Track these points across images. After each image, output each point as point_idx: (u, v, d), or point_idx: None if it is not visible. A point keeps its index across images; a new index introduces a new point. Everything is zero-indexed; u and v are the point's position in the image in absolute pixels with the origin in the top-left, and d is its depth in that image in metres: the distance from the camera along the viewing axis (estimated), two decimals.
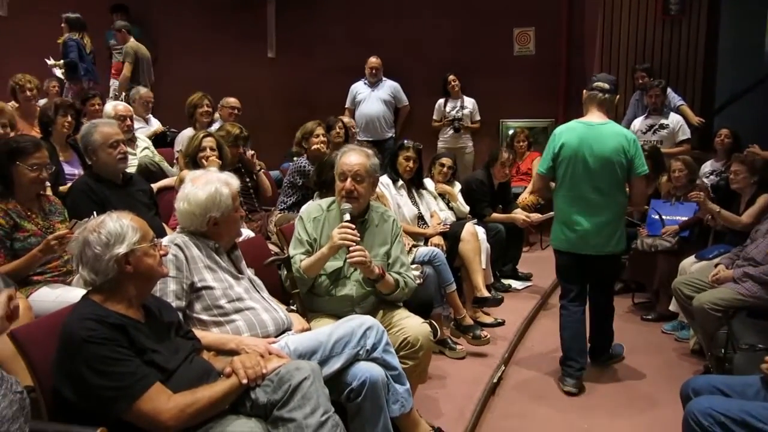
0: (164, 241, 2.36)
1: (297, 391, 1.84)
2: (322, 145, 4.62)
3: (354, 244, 2.67)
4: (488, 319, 4.42)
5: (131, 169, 4.64)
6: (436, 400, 3.32)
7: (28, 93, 5.34)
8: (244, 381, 1.85)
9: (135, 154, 4.85)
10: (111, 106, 4.98)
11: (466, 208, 5.05)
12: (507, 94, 7.27)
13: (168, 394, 1.78)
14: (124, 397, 1.73)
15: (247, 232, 3.89)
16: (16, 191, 2.93)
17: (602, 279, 3.84)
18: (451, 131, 7.10)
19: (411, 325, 2.75)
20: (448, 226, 4.43)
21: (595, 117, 3.58)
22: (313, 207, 3.02)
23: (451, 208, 4.99)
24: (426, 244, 4.28)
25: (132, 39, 7.22)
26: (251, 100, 7.57)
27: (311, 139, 4.68)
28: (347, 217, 2.78)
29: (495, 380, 3.69)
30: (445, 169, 5.02)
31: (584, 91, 3.69)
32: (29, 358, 1.85)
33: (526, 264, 5.82)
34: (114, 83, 8.04)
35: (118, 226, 1.90)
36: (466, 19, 7.36)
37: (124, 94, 6.89)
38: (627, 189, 3.62)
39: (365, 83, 7.39)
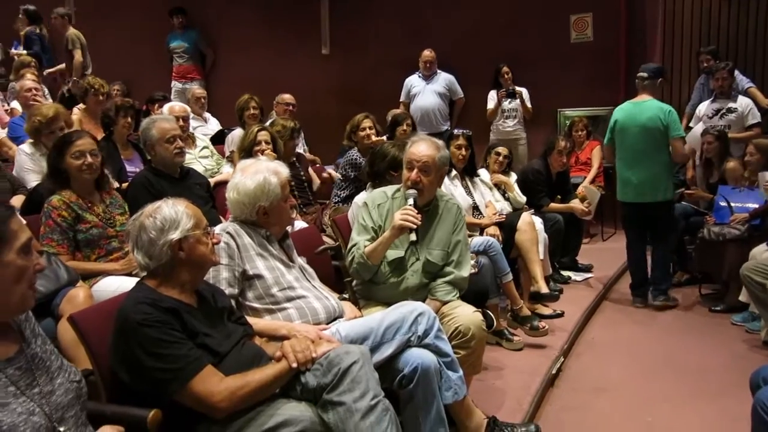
0: (216, 229, 2.38)
1: (346, 375, 1.82)
2: (370, 137, 4.61)
3: (414, 226, 2.65)
4: (547, 311, 4.31)
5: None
6: (493, 391, 3.27)
7: (100, 97, 5.54)
8: (294, 365, 1.85)
9: (193, 154, 4.96)
10: (168, 107, 5.13)
11: (523, 199, 4.96)
12: (564, 83, 7.09)
13: (219, 376, 1.80)
14: (177, 378, 1.75)
15: (300, 224, 3.92)
16: (73, 184, 3.03)
17: (658, 224, 4.78)
18: (507, 120, 6.96)
19: (463, 314, 2.70)
20: (504, 217, 4.35)
21: (639, 98, 4.73)
22: (378, 194, 3.02)
23: (507, 199, 4.91)
24: (482, 234, 4.21)
25: (71, 27, 7.34)
26: (306, 97, 7.63)
27: (359, 132, 4.68)
28: (411, 201, 2.77)
29: (554, 372, 3.60)
30: (500, 159, 4.95)
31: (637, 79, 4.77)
32: (88, 342, 1.90)
33: (586, 255, 5.69)
34: (176, 85, 8.31)
35: (173, 212, 1.94)
36: (522, 8, 7.22)
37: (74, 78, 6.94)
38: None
39: (420, 76, 7.35)
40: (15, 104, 5.82)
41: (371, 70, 7.93)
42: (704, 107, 5.83)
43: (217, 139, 5.97)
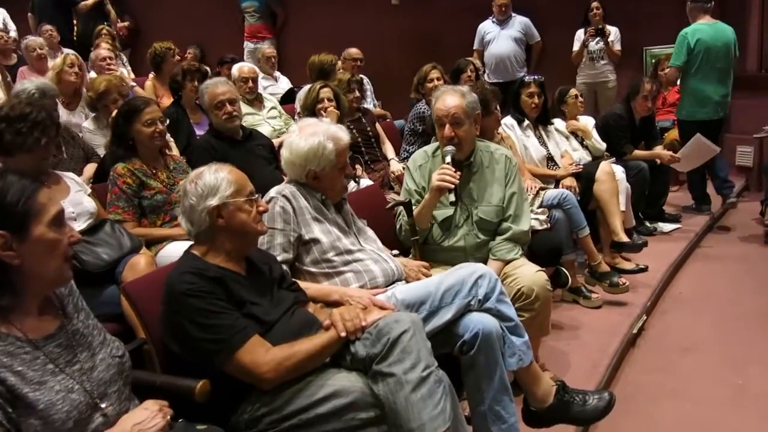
0: (272, 192, 2.34)
1: (396, 345, 1.73)
2: (438, 88, 4.40)
3: (452, 185, 2.52)
4: (629, 265, 4.06)
5: (261, 129, 4.76)
6: (567, 353, 3.12)
7: (175, 58, 5.61)
8: (342, 334, 1.77)
9: (261, 115, 4.94)
10: (236, 68, 5.10)
11: (603, 146, 4.66)
12: (650, 18, 6.55)
13: (267, 346, 1.75)
14: (224, 349, 1.71)
15: (367, 182, 3.84)
16: (140, 151, 3.05)
17: (718, 138, 5.06)
18: (594, 62, 6.51)
19: (525, 274, 2.55)
20: (581, 167, 4.09)
21: (707, 19, 4.96)
22: (419, 154, 2.89)
23: (585, 147, 4.63)
24: (557, 186, 3.99)
25: None
26: (376, 50, 7.47)
27: (426, 83, 4.50)
28: (448, 159, 2.63)
29: (635, 331, 3.41)
30: (579, 101, 4.63)
31: (690, 2, 5.06)
32: (139, 311, 1.90)
33: (675, 205, 5.34)
34: (248, 45, 8.33)
35: (213, 179, 1.88)
36: None
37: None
38: None
39: (493, 21, 6.99)
40: (93, 74, 5.98)
41: (442, 19, 7.63)
42: None
43: (288, 98, 5.93)
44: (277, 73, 6.60)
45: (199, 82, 4.54)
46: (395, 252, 2.61)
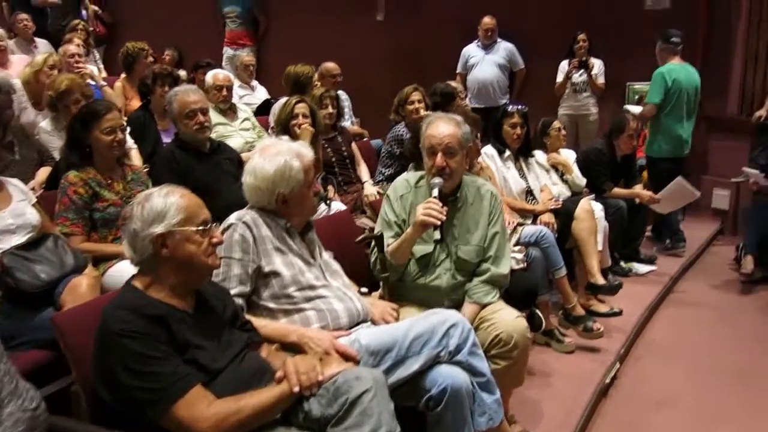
0: (231, 217, 2.15)
1: (355, 406, 1.55)
2: (419, 111, 4.29)
3: (438, 222, 2.35)
4: (603, 308, 3.93)
5: (232, 141, 4.56)
6: (538, 401, 2.95)
7: (149, 59, 5.39)
8: (296, 389, 1.59)
9: (233, 126, 4.74)
10: (211, 75, 4.90)
11: (583, 181, 4.55)
12: (635, 54, 6.46)
13: (209, 399, 1.55)
14: (160, 400, 1.52)
15: (338, 205, 3.66)
16: (96, 159, 2.84)
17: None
18: (577, 94, 6.43)
19: (504, 319, 2.39)
20: (560, 203, 3.96)
21: (678, 61, 5.15)
22: (401, 183, 2.70)
23: (565, 181, 4.51)
24: (535, 222, 3.86)
25: None
26: (359, 67, 7.33)
27: (407, 105, 4.36)
28: (435, 192, 2.45)
29: (607, 380, 3.26)
30: (561, 134, 4.52)
31: (659, 44, 5.20)
32: (68, 346, 1.70)
33: (651, 245, 5.25)
34: (227, 51, 8.12)
35: (162, 203, 1.69)
36: None
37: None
38: None
39: (478, 46, 6.90)
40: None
41: (427, 39, 7.51)
42: None
43: (264, 109, 5.73)
44: (255, 83, 6.41)
45: (170, 87, 4.34)
46: (364, 290, 2.43)
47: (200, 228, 1.72)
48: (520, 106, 4.04)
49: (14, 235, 2.42)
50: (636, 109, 5.40)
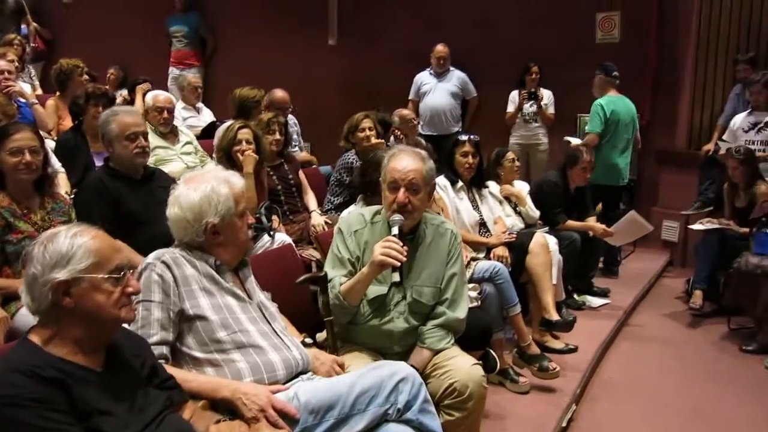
0: (150, 257, 1.92)
1: None
2: (369, 138, 4.13)
3: (398, 263, 2.16)
4: (558, 344, 3.81)
5: (172, 166, 4.31)
6: None
7: (84, 77, 5.09)
8: None
9: (174, 150, 4.49)
10: (151, 96, 4.65)
11: (536, 213, 4.47)
12: (587, 86, 6.49)
13: None
14: None
15: (282, 237, 3.44)
16: (8, 186, 2.58)
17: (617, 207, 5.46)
18: (528, 124, 6.41)
19: (459, 367, 2.22)
20: (515, 236, 3.84)
21: (615, 93, 5.34)
22: (355, 218, 2.51)
23: (518, 213, 4.41)
24: (488, 255, 3.72)
25: None
26: (310, 90, 7.17)
27: (357, 132, 4.20)
28: (395, 230, 2.27)
29: (564, 423, 3.11)
30: (515, 165, 4.44)
31: (600, 76, 5.40)
32: None
33: (603, 278, 5.18)
34: (173, 71, 7.85)
35: (67, 245, 1.46)
36: (543, 3, 6.66)
37: None
38: None
39: (431, 73, 6.84)
40: None
41: (380, 65, 7.42)
42: (739, 120, 5.32)
43: (209, 133, 5.48)
44: (201, 105, 6.15)
45: (104, 108, 4.07)
46: (308, 340, 2.21)
47: (112, 275, 1.49)
48: (472, 136, 3.92)
49: None
50: (575, 140, 5.50)
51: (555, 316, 3.63)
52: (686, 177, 6.06)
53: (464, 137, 3.89)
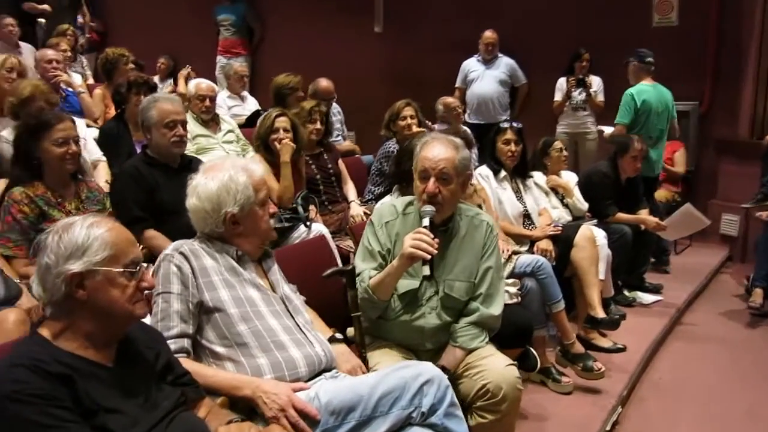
0: (168, 248, 1.88)
1: None
2: (411, 127, 4.03)
3: (429, 256, 2.06)
4: (605, 342, 3.65)
5: (213, 154, 4.30)
6: None
7: (128, 65, 5.15)
8: None
9: (216, 138, 4.49)
10: (193, 84, 4.65)
11: (585, 206, 4.28)
12: None
13: None
14: None
15: (319, 227, 3.38)
16: (46, 174, 2.59)
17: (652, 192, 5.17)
18: (576, 112, 6.19)
19: (493, 367, 2.12)
20: (560, 229, 3.68)
21: (649, 81, 5.02)
22: (387, 209, 2.41)
23: (565, 206, 4.24)
24: (531, 249, 3.58)
25: None
26: (355, 78, 7.11)
27: (398, 121, 4.10)
28: (426, 222, 2.16)
29: (608, 426, 2.97)
30: (563, 155, 4.26)
31: (634, 63, 5.09)
32: None
33: (656, 273, 4.96)
34: (221, 60, 7.90)
35: (83, 235, 1.41)
36: None
37: None
38: None
39: (479, 60, 6.66)
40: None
41: (426, 52, 7.27)
42: None
43: (252, 122, 5.47)
44: (245, 93, 6.14)
45: (145, 96, 4.09)
46: (338, 336, 2.13)
47: (128, 269, 1.44)
48: (514, 123, 3.77)
49: None
50: (609, 129, 5.28)
51: (601, 314, 3.47)
52: (748, 168, 5.71)
53: (506, 125, 3.75)
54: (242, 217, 1.92)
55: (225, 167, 1.93)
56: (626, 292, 4.52)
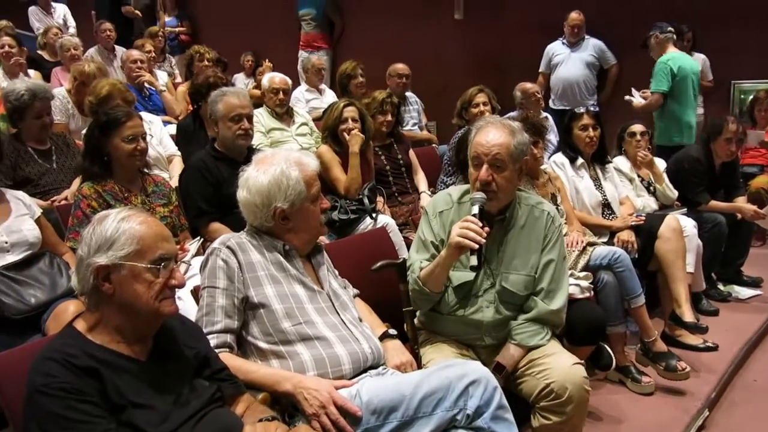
0: (216, 242, 1.87)
1: None
2: (484, 114, 3.89)
3: (476, 245, 1.95)
4: (694, 340, 3.35)
5: (287, 147, 4.34)
6: None
7: (205, 62, 5.31)
8: None
9: (289, 131, 4.53)
10: (267, 78, 4.71)
11: (674, 194, 4.00)
12: (742, 48, 5.75)
13: None
14: None
15: (385, 219, 3.32)
16: (116, 170, 2.67)
17: None
18: None
19: (558, 366, 1.99)
20: (643, 218, 3.44)
21: (676, 50, 5.05)
22: (441, 198, 2.32)
23: (653, 193, 3.97)
24: (611, 240, 3.38)
25: None
26: (437, 67, 7.03)
27: (471, 108, 3.97)
28: (475, 209, 2.05)
29: (693, 431, 2.75)
30: (639, 138, 3.95)
31: (656, 34, 5.05)
32: (3, 394, 1.45)
33: (756, 265, 4.55)
34: (302, 54, 7.99)
35: (113, 229, 1.42)
36: None
37: None
38: None
39: (563, 43, 6.37)
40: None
41: (508, 37, 7.04)
42: None
43: None
44: (323, 86, 6.17)
45: None
46: (392, 331, 2.07)
47: (155, 265, 1.43)
48: (591, 106, 3.57)
49: (8, 254, 2.25)
50: (638, 100, 5.14)
51: (687, 313, 3.21)
52: None
53: (582, 109, 3.55)
54: (292, 213, 1.88)
55: (277, 160, 1.90)
56: (721, 286, 4.20)
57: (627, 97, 5.26)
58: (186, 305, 2.12)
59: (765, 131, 5.32)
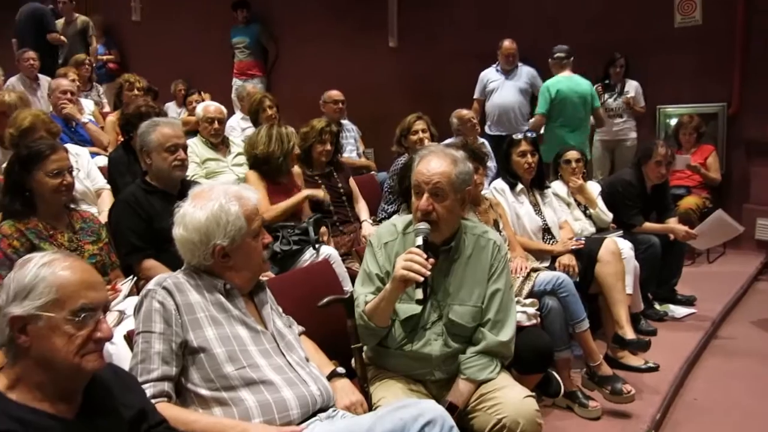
0: (151, 283, 1.75)
1: None
2: (423, 141, 3.89)
3: (421, 277, 1.90)
4: (636, 361, 3.42)
5: (223, 178, 4.22)
6: None
7: (135, 91, 5.14)
8: None
9: (225, 162, 4.41)
10: (201, 107, 4.58)
11: (609, 216, 4.08)
12: (665, 76, 6.03)
13: None
14: None
15: (328, 250, 3.24)
16: (40, 206, 2.51)
17: None
18: (614, 119, 6.02)
19: (509, 400, 1.95)
20: (583, 243, 3.49)
21: (566, 73, 5.51)
22: (386, 229, 2.27)
23: (589, 217, 4.05)
24: (553, 264, 3.40)
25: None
26: (372, 94, 7.04)
27: (410, 135, 3.96)
28: (419, 241, 2.00)
29: None
30: (574, 165, 4.03)
31: (550, 60, 5.63)
32: None
33: (688, 283, 4.69)
34: (236, 82, 7.88)
35: (32, 275, 1.29)
36: None
37: None
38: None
39: (497, 70, 6.47)
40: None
41: (443, 65, 7.15)
42: None
43: None
44: None
45: None
46: (340, 369, 1.99)
47: (74, 317, 1.29)
48: (528, 133, 3.61)
49: None
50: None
51: (629, 333, 3.25)
52: None
53: (519, 136, 3.58)
54: (233, 250, 1.79)
55: (215, 195, 1.81)
56: (657, 306, 4.29)
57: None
58: (119, 351, 1.98)
59: (690, 154, 5.56)
